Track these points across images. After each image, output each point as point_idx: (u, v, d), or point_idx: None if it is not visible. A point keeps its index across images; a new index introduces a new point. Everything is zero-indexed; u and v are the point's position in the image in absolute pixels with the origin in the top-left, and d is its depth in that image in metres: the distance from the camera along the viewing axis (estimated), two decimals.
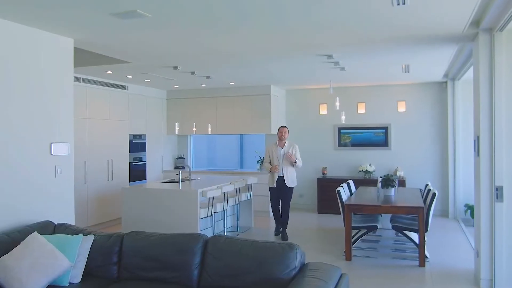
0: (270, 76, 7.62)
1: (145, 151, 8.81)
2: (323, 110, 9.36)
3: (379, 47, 5.28)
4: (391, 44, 5.10)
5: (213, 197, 5.97)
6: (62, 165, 4.47)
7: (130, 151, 8.32)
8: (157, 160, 9.20)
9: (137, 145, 8.55)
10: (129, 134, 8.31)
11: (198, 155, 10.71)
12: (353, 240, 5.86)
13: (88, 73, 7.02)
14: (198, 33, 4.46)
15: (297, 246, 3.24)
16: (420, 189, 7.18)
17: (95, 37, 4.59)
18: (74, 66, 6.40)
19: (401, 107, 8.85)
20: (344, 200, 5.86)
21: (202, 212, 5.86)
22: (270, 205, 7.11)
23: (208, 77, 7.41)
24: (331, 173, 9.29)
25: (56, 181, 4.41)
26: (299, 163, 6.75)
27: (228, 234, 7.08)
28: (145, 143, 8.79)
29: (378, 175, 8.61)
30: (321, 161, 9.39)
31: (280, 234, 6.84)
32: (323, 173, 9.24)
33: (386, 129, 8.95)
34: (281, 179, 6.69)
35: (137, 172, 8.56)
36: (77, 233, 3.89)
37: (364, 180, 8.64)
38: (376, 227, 5.70)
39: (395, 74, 7.48)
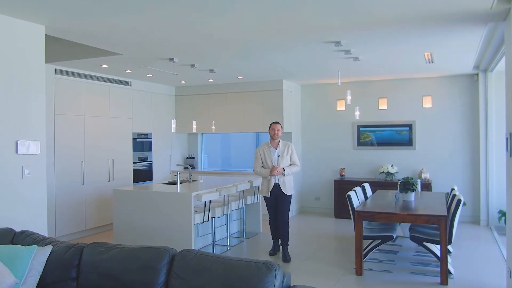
0: (280, 69, 7.02)
1: (151, 150, 8.37)
2: (341, 106, 8.67)
3: (394, 31, 4.59)
4: (408, 27, 4.41)
5: (209, 201, 5.42)
6: (30, 166, 4.02)
7: (133, 150, 7.90)
8: (165, 160, 8.75)
9: (141, 144, 8.13)
10: (133, 133, 7.89)
11: (212, 154, 10.22)
12: (366, 251, 5.21)
13: (85, 67, 6.62)
14: (183, 15, 3.92)
15: (278, 266, 2.65)
16: (447, 193, 6.41)
17: (69, 23, 4.12)
18: (61, 60, 6.09)
19: (427, 103, 8.05)
20: (355, 206, 5.20)
21: (197, 218, 5.33)
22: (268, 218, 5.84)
23: (211, 70, 6.87)
24: (350, 175, 8.59)
25: (23, 183, 3.97)
26: (295, 168, 5.66)
27: (233, 240, 6.54)
28: (150, 141, 8.35)
29: (401, 177, 7.88)
30: (339, 162, 8.71)
31: (280, 253, 5.66)
32: (341, 175, 8.56)
33: (410, 126, 8.17)
34: (277, 186, 5.55)
35: (142, 173, 8.14)
36: (38, 243, 3.42)
37: (385, 183, 7.91)
38: (391, 238, 5.00)
39: (419, 65, 6.73)
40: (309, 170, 8.96)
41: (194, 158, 9.38)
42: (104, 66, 6.44)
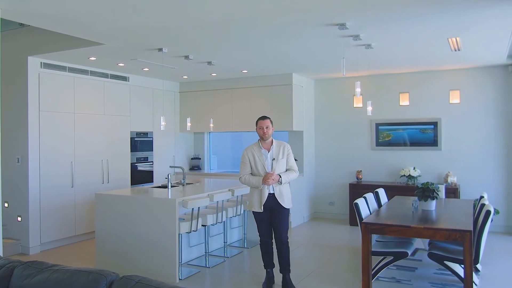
0: (287, 61, 6.34)
1: (152, 150, 7.84)
2: (358, 102, 7.86)
3: (409, 10, 3.85)
4: (425, 4, 3.67)
5: (198, 208, 4.81)
6: None
7: (131, 150, 7.39)
8: (167, 160, 8.19)
9: (141, 143, 7.60)
10: (131, 131, 7.38)
11: (222, 154, 9.62)
12: (377, 268, 4.47)
13: (71, 60, 6.11)
14: None
15: None
16: (476, 200, 5.57)
17: (30, 5, 3.59)
18: (41, 52, 5.61)
19: (454, 98, 7.17)
20: (363, 217, 4.47)
21: (183, 227, 4.71)
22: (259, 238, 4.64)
23: (209, 63, 6.26)
24: (367, 178, 7.81)
25: None
26: (293, 175, 4.42)
27: (231, 250, 5.91)
28: (151, 141, 7.82)
29: (425, 181, 7.05)
30: (356, 163, 7.94)
31: (281, 283, 4.44)
32: (357, 177, 7.79)
33: (435, 124, 7.32)
34: (272, 199, 4.32)
35: (142, 174, 7.61)
36: None
37: (406, 187, 7.09)
38: (405, 255, 4.24)
39: (444, 55, 5.92)
40: (323, 172, 8.24)
41: (199, 158, 8.80)
42: (92, 58, 5.92)
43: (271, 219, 4.41)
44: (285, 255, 4.41)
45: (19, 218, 5.89)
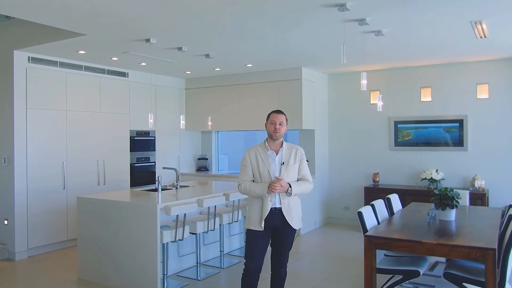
0: (293, 53, 5.79)
1: (154, 150, 7.43)
2: (375, 98, 7.24)
3: None
4: None
5: (184, 214, 4.33)
6: None
7: (131, 150, 7.00)
8: (172, 161, 7.76)
9: (141, 143, 7.20)
10: (130, 130, 6.99)
11: (233, 155, 9.13)
12: (386, 287, 3.88)
13: (60, 54, 5.72)
14: None
15: None
16: (506, 207, 4.86)
17: None
18: (22, 47, 5.27)
19: (482, 93, 6.44)
20: (369, 228, 3.89)
21: (167, 235, 4.24)
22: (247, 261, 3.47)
23: (207, 55, 5.77)
24: (385, 181, 7.16)
25: None
26: (306, 186, 3.49)
27: (231, 259, 5.41)
28: (153, 140, 7.41)
29: (449, 184, 6.39)
30: (372, 165, 7.30)
31: None
32: (374, 180, 7.14)
33: (460, 122, 6.59)
34: (277, 214, 3.37)
35: (143, 175, 7.21)
36: None
37: (428, 192, 6.37)
38: (417, 274, 3.63)
39: (469, 44, 5.24)
40: (337, 174, 7.63)
41: (207, 159, 8.34)
42: (81, 52, 5.54)
43: (272, 242, 3.48)
44: (280, 283, 3.55)
45: (6, 222, 5.58)
